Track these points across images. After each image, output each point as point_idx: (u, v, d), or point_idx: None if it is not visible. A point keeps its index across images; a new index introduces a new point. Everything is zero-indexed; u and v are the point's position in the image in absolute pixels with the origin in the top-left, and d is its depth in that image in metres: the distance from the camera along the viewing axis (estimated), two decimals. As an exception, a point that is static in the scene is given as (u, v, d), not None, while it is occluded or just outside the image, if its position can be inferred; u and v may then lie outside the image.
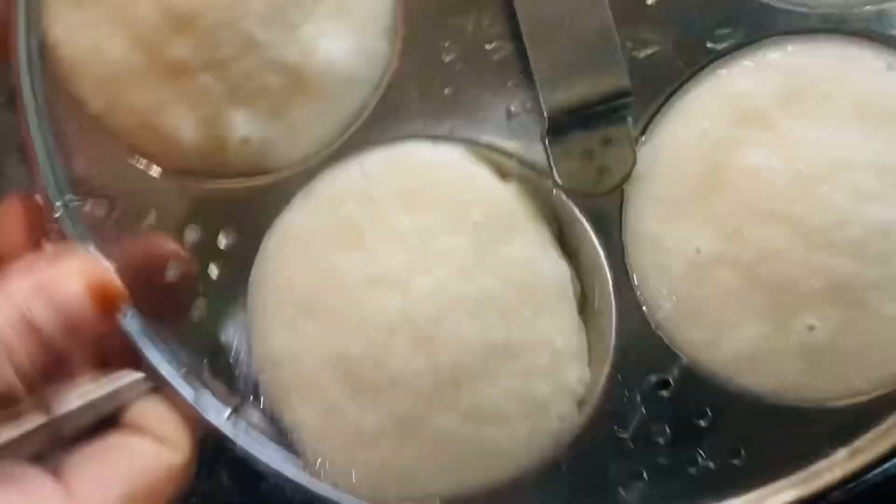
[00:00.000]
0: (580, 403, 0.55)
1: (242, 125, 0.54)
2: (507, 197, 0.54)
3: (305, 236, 0.55)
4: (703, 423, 0.54)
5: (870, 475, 0.53)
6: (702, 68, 0.54)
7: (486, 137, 0.55)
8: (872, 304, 0.52)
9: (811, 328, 0.52)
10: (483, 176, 0.54)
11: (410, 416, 0.53)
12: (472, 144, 0.55)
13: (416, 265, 0.52)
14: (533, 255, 0.53)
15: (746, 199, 0.52)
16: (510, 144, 0.55)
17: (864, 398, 0.54)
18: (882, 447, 0.54)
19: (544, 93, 0.52)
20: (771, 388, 0.54)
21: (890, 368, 0.53)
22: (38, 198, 0.56)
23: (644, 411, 0.54)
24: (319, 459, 0.56)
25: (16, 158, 0.76)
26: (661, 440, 0.55)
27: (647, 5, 0.54)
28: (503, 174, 0.55)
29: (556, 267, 0.53)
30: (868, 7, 0.53)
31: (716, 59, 0.54)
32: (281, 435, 0.55)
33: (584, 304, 0.55)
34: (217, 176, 0.56)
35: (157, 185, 0.56)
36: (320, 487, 0.54)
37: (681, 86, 0.54)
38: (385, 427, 0.54)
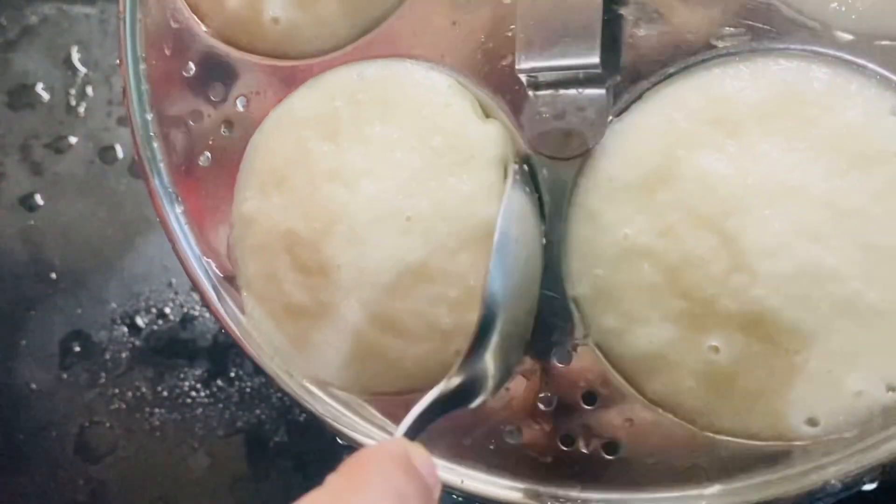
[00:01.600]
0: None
1: (276, 4, 0.60)
2: (474, 135, 0.55)
3: (296, 119, 0.60)
4: (588, 406, 0.54)
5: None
6: (698, 62, 0.52)
7: (477, 78, 0.57)
8: (782, 346, 0.49)
9: (715, 350, 0.51)
10: (459, 110, 0.56)
11: (328, 304, 0.57)
12: (465, 80, 0.57)
13: (369, 170, 0.56)
14: (473, 194, 0.55)
15: (688, 200, 0.51)
16: (498, 90, 0.56)
17: (760, 444, 0.51)
18: (761, 495, 0.51)
19: (519, 48, 0.53)
20: (661, 398, 0.53)
21: (787, 422, 0.50)
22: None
23: (539, 376, 0.55)
24: (255, 319, 0.62)
25: (16, 158, 0.84)
26: (544, 407, 0.55)
27: (667, -17, 0.53)
28: (488, 116, 0.57)
29: (487, 212, 0.54)
30: (887, 42, 0.49)
31: (715, 56, 0.52)
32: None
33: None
34: (247, 49, 0.63)
35: (201, 45, 0.64)
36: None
37: (670, 75, 0.53)
38: (307, 307, 0.58)
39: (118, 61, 0.65)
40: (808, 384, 0.49)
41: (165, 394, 0.82)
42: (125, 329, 0.84)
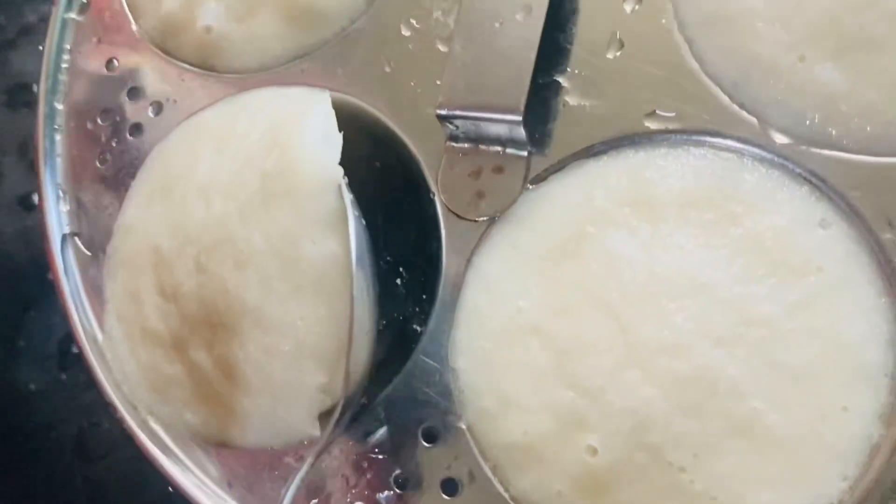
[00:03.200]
0: (325, 414, 0.50)
1: (211, 13, 0.57)
2: (306, 162, 0.48)
3: (197, 134, 0.56)
4: (446, 497, 0.48)
5: None
6: (627, 141, 0.49)
7: (397, 120, 0.53)
8: (666, 459, 0.43)
9: (593, 451, 0.45)
10: (306, 133, 0.49)
11: (178, 336, 0.51)
12: (379, 118, 0.53)
13: (221, 189, 0.50)
14: (298, 230, 0.48)
15: (590, 280, 0.46)
16: (419, 138, 0.53)
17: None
18: None
19: (443, 91, 0.49)
20: (527, 498, 0.46)
21: (661, 546, 0.44)
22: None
23: (398, 452, 0.49)
24: (112, 339, 0.56)
25: (14, 158, 0.84)
26: (396, 489, 0.49)
27: (608, 57, 0.50)
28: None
29: (319, 254, 0.48)
30: (826, 151, 0.45)
31: (646, 137, 0.48)
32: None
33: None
34: (174, 55, 0.59)
35: (129, 43, 0.60)
36: None
37: (597, 151, 0.49)
38: (161, 335, 0.52)
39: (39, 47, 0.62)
40: (689, 509, 0.43)
41: (165, 395, 0.78)
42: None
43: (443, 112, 0.49)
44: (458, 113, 0.49)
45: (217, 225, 0.49)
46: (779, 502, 0.43)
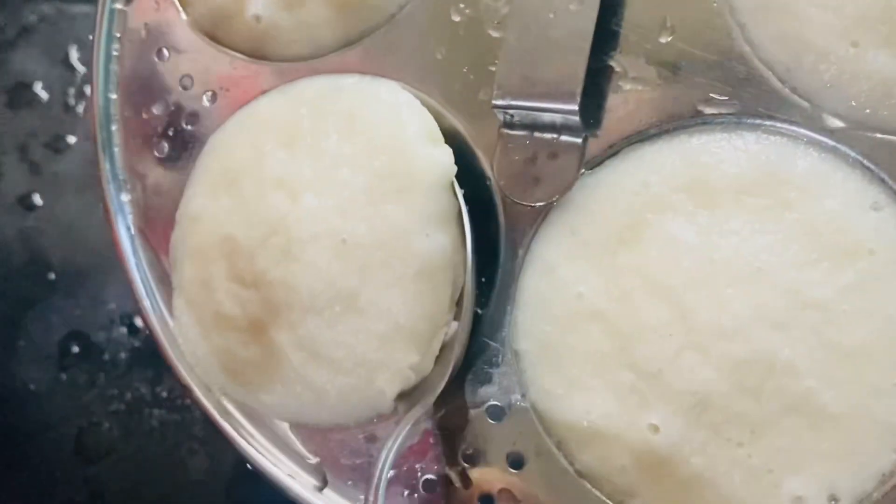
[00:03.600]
0: (413, 393, 0.52)
1: (260, 2, 0.58)
2: (419, 160, 0.51)
3: (259, 122, 0.57)
4: (514, 470, 0.51)
5: None
6: (681, 126, 0.50)
7: (454, 109, 0.54)
8: (724, 435, 0.46)
9: (655, 429, 0.47)
10: (412, 133, 0.52)
11: (257, 319, 0.54)
12: (436, 105, 0.54)
13: (315, 184, 0.53)
14: (410, 226, 0.51)
15: (649, 266, 0.48)
16: (472, 124, 0.54)
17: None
18: None
19: (497, 82, 0.50)
20: (591, 471, 0.49)
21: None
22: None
23: (467, 428, 0.52)
24: (182, 324, 0.58)
25: (16, 158, 0.84)
26: (466, 464, 0.52)
27: (660, 42, 0.51)
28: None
29: (429, 247, 0.51)
30: (878, 135, 0.46)
31: (699, 122, 0.49)
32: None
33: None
34: (224, 43, 0.60)
35: (178, 33, 0.61)
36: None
37: (651, 135, 0.50)
38: (237, 319, 0.55)
39: (90, 37, 0.62)
40: (748, 482, 0.46)
41: (165, 395, 0.81)
42: (124, 330, 0.82)
43: (499, 102, 0.50)
44: (513, 103, 0.50)
45: (311, 219, 0.52)
46: (832, 474, 0.45)
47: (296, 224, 0.52)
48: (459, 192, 0.51)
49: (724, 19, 0.50)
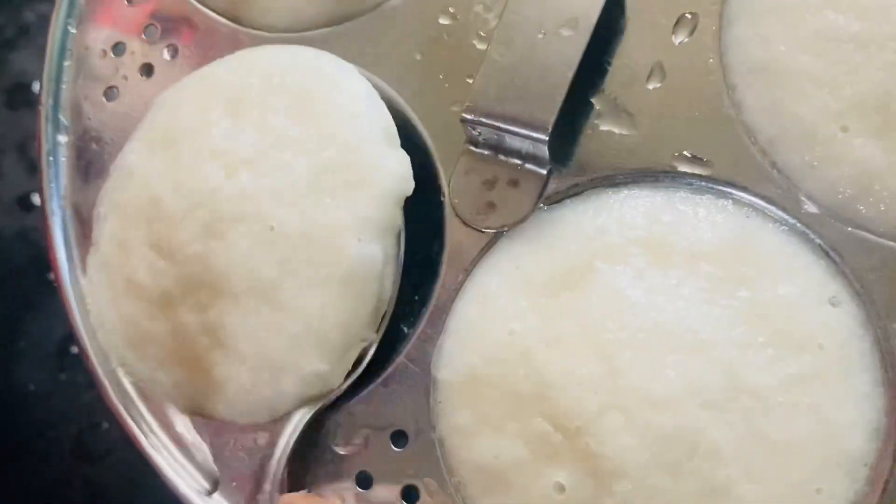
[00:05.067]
0: (315, 399, 0.49)
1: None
2: (372, 159, 0.48)
3: (210, 87, 0.53)
4: None
5: None
6: (650, 177, 0.47)
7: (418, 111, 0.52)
8: (634, 509, 0.43)
9: (561, 488, 0.44)
10: (366, 125, 0.48)
11: (167, 293, 0.50)
12: (401, 105, 0.52)
13: (253, 161, 0.49)
14: (345, 226, 0.47)
15: (589, 315, 0.45)
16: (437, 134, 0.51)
17: None
18: None
19: (472, 95, 0.47)
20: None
21: None
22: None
23: (366, 451, 0.49)
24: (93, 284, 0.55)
25: (15, 158, 0.84)
26: (359, 488, 0.48)
27: (647, 87, 0.48)
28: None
29: (360, 253, 0.47)
30: (850, 229, 0.44)
31: (671, 177, 0.47)
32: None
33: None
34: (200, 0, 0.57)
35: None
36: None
37: (618, 182, 0.48)
38: (148, 289, 0.51)
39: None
40: (648, 564, 0.43)
41: (164, 395, 0.80)
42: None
43: (469, 116, 0.47)
44: (483, 120, 0.47)
45: (242, 197, 0.48)
46: (737, 572, 0.42)
47: (225, 201, 0.48)
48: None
49: (716, 77, 0.47)
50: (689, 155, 0.47)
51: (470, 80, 0.50)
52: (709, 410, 0.42)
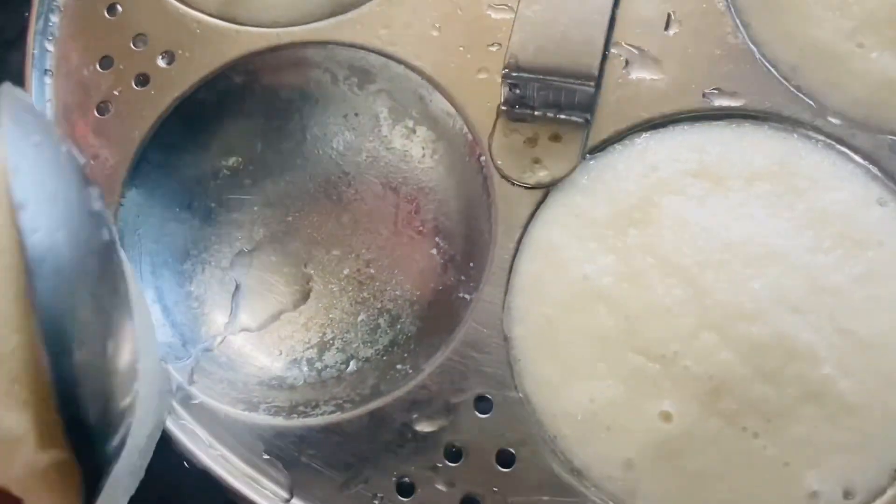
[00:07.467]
0: None
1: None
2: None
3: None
4: (503, 469, 0.46)
5: None
6: (687, 116, 0.49)
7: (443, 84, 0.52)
8: (741, 425, 0.43)
9: (667, 417, 0.44)
10: None
11: None
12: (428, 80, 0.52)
13: None
14: None
15: (663, 246, 0.46)
16: (466, 103, 0.51)
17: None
18: None
19: (511, 50, 0.48)
20: (591, 468, 0.45)
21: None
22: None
23: (451, 423, 0.47)
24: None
25: None
26: (449, 462, 0.46)
27: (666, 34, 0.50)
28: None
29: None
30: (880, 136, 0.47)
31: (705, 112, 0.49)
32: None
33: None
34: (190, 4, 0.55)
35: None
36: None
37: (656, 123, 0.49)
38: None
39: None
40: (763, 475, 0.43)
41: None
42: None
43: (511, 72, 0.48)
44: (526, 76, 0.48)
45: None
46: (847, 467, 0.43)
47: None
48: None
49: (729, 17, 0.50)
50: (719, 91, 0.49)
51: (492, 48, 0.51)
52: (797, 314, 0.44)
